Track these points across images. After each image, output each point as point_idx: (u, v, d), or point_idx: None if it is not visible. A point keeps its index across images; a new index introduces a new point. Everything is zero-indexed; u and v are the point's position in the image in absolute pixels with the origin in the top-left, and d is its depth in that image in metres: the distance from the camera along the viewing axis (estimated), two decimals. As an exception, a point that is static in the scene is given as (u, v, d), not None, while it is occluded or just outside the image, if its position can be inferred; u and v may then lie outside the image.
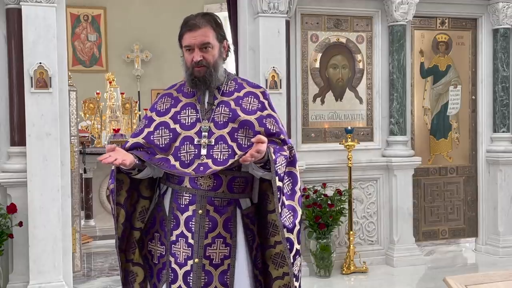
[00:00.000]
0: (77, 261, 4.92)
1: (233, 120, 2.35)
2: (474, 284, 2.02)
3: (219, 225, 2.35)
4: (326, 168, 5.11)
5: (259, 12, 4.70)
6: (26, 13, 4.13)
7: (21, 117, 4.23)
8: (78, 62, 9.98)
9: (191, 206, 2.34)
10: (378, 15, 5.29)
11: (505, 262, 5.31)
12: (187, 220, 2.34)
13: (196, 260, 2.32)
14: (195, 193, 2.34)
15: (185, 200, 2.35)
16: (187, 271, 2.33)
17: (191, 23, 2.34)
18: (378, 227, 5.33)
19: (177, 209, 2.36)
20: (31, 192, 4.15)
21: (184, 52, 2.39)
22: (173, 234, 2.36)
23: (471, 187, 5.70)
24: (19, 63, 4.20)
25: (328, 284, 4.79)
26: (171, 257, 2.36)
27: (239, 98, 2.41)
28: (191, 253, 2.32)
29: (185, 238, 2.33)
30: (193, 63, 2.33)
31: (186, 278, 2.33)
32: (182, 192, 2.36)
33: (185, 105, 2.42)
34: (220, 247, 2.35)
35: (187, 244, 2.33)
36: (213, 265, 2.34)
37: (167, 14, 9.91)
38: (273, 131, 2.37)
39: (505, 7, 5.43)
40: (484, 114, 5.63)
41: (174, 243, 2.35)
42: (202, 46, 2.33)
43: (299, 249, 2.35)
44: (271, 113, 2.42)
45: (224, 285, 2.35)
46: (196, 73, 2.34)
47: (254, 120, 2.36)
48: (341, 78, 5.26)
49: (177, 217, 2.36)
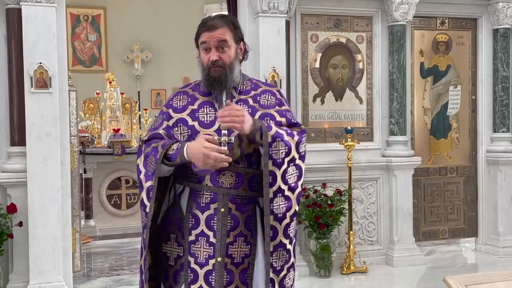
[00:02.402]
0: (77, 261, 4.92)
1: (253, 115, 2.35)
2: (474, 284, 2.02)
3: (240, 224, 2.34)
4: (326, 168, 5.11)
5: (259, 12, 4.70)
6: (26, 13, 4.13)
7: (21, 117, 4.23)
8: (78, 62, 9.98)
9: (213, 205, 2.32)
10: (378, 15, 5.29)
11: (505, 262, 5.31)
12: (208, 219, 2.31)
13: (219, 259, 2.30)
14: (217, 191, 2.32)
15: (205, 199, 2.32)
16: (208, 271, 2.30)
17: (209, 24, 2.35)
18: (378, 227, 5.33)
19: (197, 208, 2.33)
20: (31, 192, 4.15)
21: (200, 52, 2.38)
22: (192, 234, 2.33)
23: (471, 187, 5.70)
24: (19, 63, 4.20)
25: (328, 284, 4.79)
26: (191, 257, 2.32)
27: (256, 96, 2.43)
28: (213, 252, 2.30)
29: (206, 237, 2.31)
30: (210, 63, 2.33)
31: (207, 277, 2.30)
32: (203, 191, 2.33)
33: (202, 103, 2.40)
34: (242, 245, 2.34)
35: (209, 243, 2.31)
36: (234, 264, 2.33)
37: (167, 14, 9.93)
38: (294, 121, 2.42)
39: (505, 7, 5.43)
40: (484, 114, 5.63)
41: (194, 243, 2.33)
42: (219, 45, 2.33)
43: (285, 244, 2.31)
44: (289, 109, 2.48)
45: (244, 283, 2.34)
46: (212, 73, 2.34)
47: (274, 112, 2.39)
48: (341, 78, 5.26)
49: (197, 216, 2.33)
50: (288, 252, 2.34)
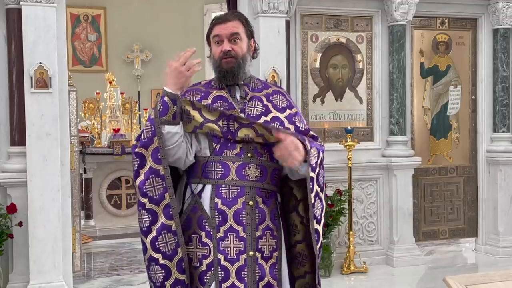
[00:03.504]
0: (77, 261, 4.92)
1: (266, 114, 2.36)
2: (474, 284, 2.02)
3: (267, 217, 2.33)
4: (326, 168, 4.99)
5: (259, 12, 4.70)
6: (26, 13, 4.13)
7: (21, 117, 4.23)
8: (78, 62, 9.99)
9: (240, 199, 2.29)
10: (378, 15, 5.29)
11: (505, 262, 5.31)
12: (237, 214, 2.28)
13: (251, 253, 2.27)
14: (244, 184, 2.29)
15: (232, 194, 2.29)
16: (240, 266, 2.27)
17: (222, 17, 2.37)
18: (378, 227, 5.33)
19: (223, 204, 2.29)
20: (31, 192, 4.15)
21: (212, 46, 2.38)
22: (220, 231, 2.29)
23: (471, 187, 5.70)
24: (19, 63, 4.20)
25: (328, 284, 4.79)
26: (220, 254, 2.27)
27: (268, 95, 2.44)
28: (244, 247, 2.27)
29: (236, 232, 2.28)
30: (222, 54, 2.33)
31: (239, 273, 2.26)
32: (228, 186, 2.30)
33: (216, 98, 2.38)
34: (269, 239, 2.32)
35: (239, 238, 2.28)
36: (264, 258, 2.31)
37: (167, 14, 9.93)
38: (302, 128, 2.43)
39: (505, 7, 5.43)
40: (484, 114, 5.63)
41: (223, 240, 2.28)
42: (231, 37, 2.34)
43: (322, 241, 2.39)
44: (298, 111, 2.49)
45: (275, 279, 2.32)
46: (224, 65, 2.33)
47: (284, 119, 2.39)
48: (341, 78, 5.26)
49: (224, 212, 2.29)
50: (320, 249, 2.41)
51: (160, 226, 2.24)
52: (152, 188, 2.24)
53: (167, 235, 2.24)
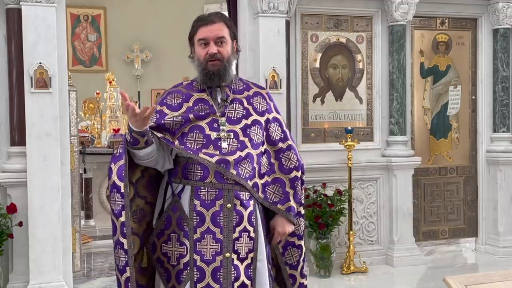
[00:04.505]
0: (77, 261, 4.92)
1: (246, 117, 2.39)
2: (474, 284, 2.02)
3: (244, 219, 2.35)
4: (326, 168, 5.11)
5: (259, 12, 4.70)
6: (26, 13, 4.13)
7: (21, 117, 4.23)
8: (78, 62, 9.98)
9: (218, 201, 2.32)
10: (378, 15, 5.29)
11: (505, 262, 5.31)
12: (214, 216, 2.31)
13: (227, 255, 2.31)
14: (222, 187, 2.32)
15: (210, 196, 2.32)
16: (216, 267, 2.30)
17: (206, 19, 2.37)
18: (378, 227, 5.33)
19: (202, 206, 2.32)
20: (31, 192, 4.15)
21: (196, 48, 2.38)
22: (197, 232, 2.32)
23: (471, 187, 5.70)
24: (19, 63, 4.20)
25: (328, 284, 4.79)
26: (196, 255, 2.31)
27: (249, 97, 2.46)
28: (220, 248, 2.31)
29: (213, 234, 2.31)
30: (208, 57, 2.33)
31: (215, 274, 2.30)
32: (207, 188, 2.32)
33: (197, 100, 2.40)
34: (246, 240, 2.36)
35: (215, 240, 2.31)
36: (240, 259, 2.34)
37: (167, 14, 9.92)
38: (273, 138, 2.47)
39: (505, 7, 5.43)
40: (484, 114, 5.63)
41: (199, 241, 2.32)
42: (218, 40, 2.34)
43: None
44: (276, 116, 2.52)
45: (249, 278, 2.36)
46: (210, 68, 2.34)
47: (263, 122, 2.45)
48: (341, 78, 5.26)
49: (202, 213, 2.32)
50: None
51: (117, 239, 2.32)
52: (114, 202, 2.33)
53: (120, 251, 2.29)
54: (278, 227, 2.49)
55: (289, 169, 2.50)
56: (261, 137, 2.42)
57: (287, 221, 2.49)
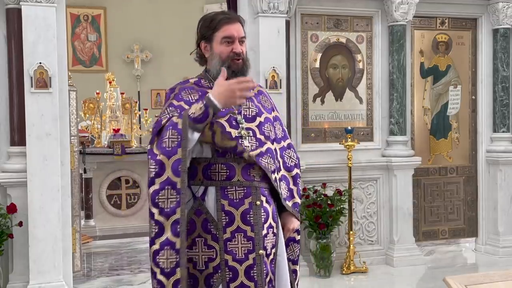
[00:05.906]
0: (77, 261, 4.92)
1: (260, 115, 2.40)
2: (474, 284, 2.02)
3: (270, 215, 2.38)
4: (326, 168, 5.11)
5: (259, 12, 4.70)
6: (26, 13, 4.13)
7: (21, 117, 4.23)
8: (78, 62, 9.99)
9: (247, 199, 2.31)
10: (378, 15, 5.29)
11: (505, 262, 5.31)
12: (244, 214, 2.30)
13: (261, 252, 2.31)
14: (250, 185, 2.32)
15: (239, 194, 2.31)
16: (249, 265, 2.29)
17: (230, 17, 2.37)
18: (378, 227, 5.33)
19: (230, 205, 2.30)
20: (31, 192, 4.15)
21: (217, 44, 2.34)
22: (226, 232, 2.29)
23: (471, 187, 5.70)
24: (19, 63, 4.20)
25: (328, 284, 4.79)
26: (227, 255, 2.28)
27: (256, 95, 2.48)
28: (253, 246, 2.30)
29: (243, 232, 2.30)
30: (232, 55, 2.32)
31: (249, 272, 2.29)
32: (234, 187, 2.31)
33: None
34: (271, 236, 2.38)
35: (247, 238, 2.30)
36: (267, 255, 2.36)
37: (167, 14, 9.93)
38: (279, 136, 2.50)
39: (505, 7, 5.43)
40: (484, 114, 5.63)
41: (230, 240, 2.29)
42: (241, 39, 2.36)
43: None
44: (278, 114, 2.55)
45: (273, 273, 2.39)
46: (234, 66, 2.33)
47: (272, 120, 2.48)
48: (341, 78, 5.26)
49: (231, 213, 2.30)
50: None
51: (165, 240, 2.20)
52: (165, 200, 2.20)
53: (169, 252, 2.20)
54: (288, 224, 2.49)
55: (291, 167, 2.52)
56: (273, 135, 2.45)
57: (294, 217, 2.49)
